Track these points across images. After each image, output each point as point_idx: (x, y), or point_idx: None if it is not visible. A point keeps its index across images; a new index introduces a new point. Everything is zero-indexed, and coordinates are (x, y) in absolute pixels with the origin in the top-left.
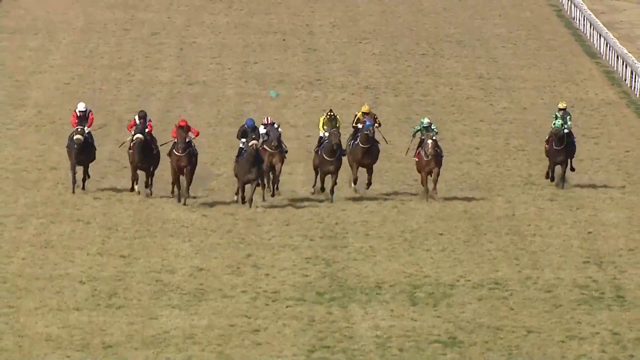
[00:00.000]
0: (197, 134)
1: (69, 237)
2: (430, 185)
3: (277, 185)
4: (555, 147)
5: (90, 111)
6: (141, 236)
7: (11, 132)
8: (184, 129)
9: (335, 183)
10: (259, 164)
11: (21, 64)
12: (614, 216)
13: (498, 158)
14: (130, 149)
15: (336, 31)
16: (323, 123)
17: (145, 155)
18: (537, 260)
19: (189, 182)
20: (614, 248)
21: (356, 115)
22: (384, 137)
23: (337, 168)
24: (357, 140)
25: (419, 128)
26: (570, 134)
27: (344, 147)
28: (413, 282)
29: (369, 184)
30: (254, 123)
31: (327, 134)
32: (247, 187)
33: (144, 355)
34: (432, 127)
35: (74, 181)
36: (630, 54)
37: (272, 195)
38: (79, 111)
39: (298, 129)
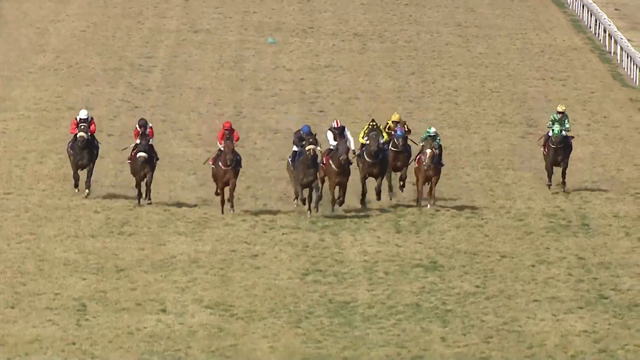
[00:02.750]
0: (238, 139)
1: (85, 171)
2: (425, 191)
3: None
4: (553, 147)
5: (92, 119)
6: None
7: (32, 76)
8: (230, 135)
9: (379, 185)
10: (315, 167)
11: (41, 13)
12: (579, 152)
13: (474, 99)
14: (129, 159)
15: None
16: (365, 133)
17: (144, 165)
18: (510, 191)
19: (233, 191)
20: (580, 180)
21: (387, 124)
22: (413, 142)
23: (382, 170)
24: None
25: (425, 136)
26: (567, 136)
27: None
28: (397, 211)
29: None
30: (310, 129)
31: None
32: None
33: (153, 277)
34: (437, 138)
35: (77, 178)
36: (594, 3)
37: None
38: (80, 119)
39: (293, 72)
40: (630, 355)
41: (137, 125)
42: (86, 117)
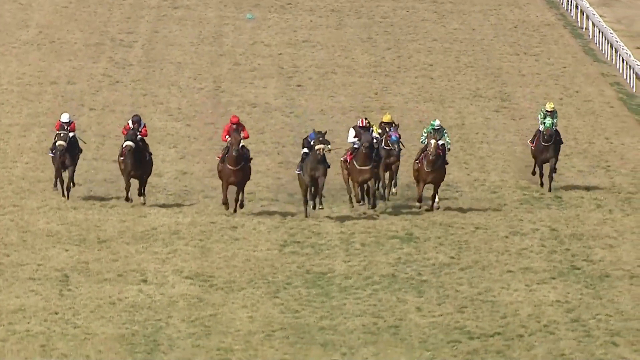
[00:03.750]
0: (247, 137)
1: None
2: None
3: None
4: (543, 144)
5: (72, 122)
6: None
7: (15, 50)
8: (238, 130)
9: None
10: (324, 166)
11: None
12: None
13: (449, 74)
14: (121, 156)
15: None
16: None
17: (137, 163)
18: (484, 164)
19: (240, 192)
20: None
21: (380, 123)
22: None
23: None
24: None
25: (429, 130)
26: (557, 132)
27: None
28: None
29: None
30: (316, 134)
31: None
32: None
33: (135, 248)
34: (444, 133)
35: (60, 180)
36: None
37: (373, 207)
38: (63, 122)
39: (271, 48)
40: (602, 325)
41: (130, 121)
42: (67, 120)
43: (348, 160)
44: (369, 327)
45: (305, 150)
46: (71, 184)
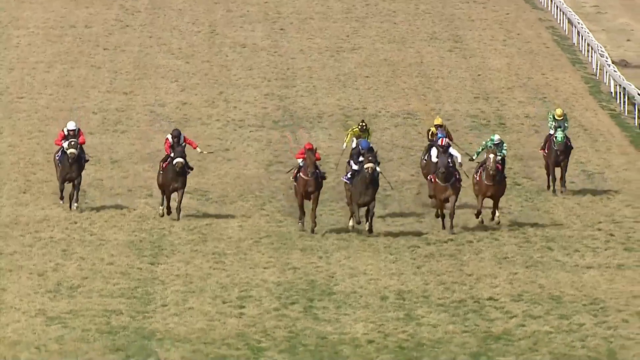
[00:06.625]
0: (319, 159)
1: (85, 79)
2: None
3: (451, 223)
4: (555, 148)
5: (80, 130)
6: (139, 78)
7: None
8: (312, 151)
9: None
10: (375, 186)
11: None
12: (497, 63)
13: (410, 19)
14: (161, 170)
15: None
16: (353, 134)
17: (177, 176)
18: (439, 96)
19: (315, 206)
20: (497, 87)
21: (430, 130)
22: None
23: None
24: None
25: (488, 145)
26: (567, 137)
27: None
28: (346, 112)
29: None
30: (369, 144)
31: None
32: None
33: (142, 168)
34: (503, 146)
35: (63, 189)
36: None
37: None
38: (68, 130)
39: None
40: (539, 232)
41: (170, 136)
42: (74, 128)
43: (432, 180)
44: (342, 235)
45: (355, 166)
46: (77, 195)
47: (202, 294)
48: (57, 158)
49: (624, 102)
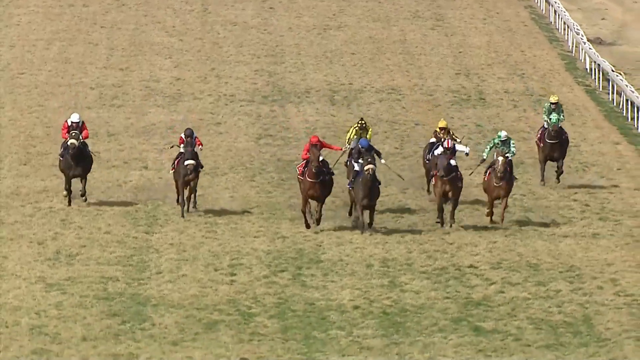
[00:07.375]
0: (325, 145)
1: (83, 55)
2: (495, 207)
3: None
4: (549, 142)
5: (83, 122)
6: (135, 54)
7: None
8: (317, 147)
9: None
10: (377, 187)
11: None
12: (477, 40)
13: None
14: (173, 167)
15: None
16: (353, 133)
17: (187, 174)
18: (422, 72)
19: (322, 205)
20: (477, 63)
21: (435, 131)
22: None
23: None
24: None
25: (495, 142)
26: (563, 130)
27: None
28: (332, 88)
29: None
30: (368, 143)
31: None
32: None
33: (137, 141)
34: (511, 143)
35: (70, 191)
36: None
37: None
38: (72, 122)
39: None
40: (518, 203)
41: (183, 134)
42: (78, 120)
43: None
44: (329, 205)
45: (356, 167)
46: (85, 191)
47: (194, 262)
48: (61, 153)
49: (599, 78)
